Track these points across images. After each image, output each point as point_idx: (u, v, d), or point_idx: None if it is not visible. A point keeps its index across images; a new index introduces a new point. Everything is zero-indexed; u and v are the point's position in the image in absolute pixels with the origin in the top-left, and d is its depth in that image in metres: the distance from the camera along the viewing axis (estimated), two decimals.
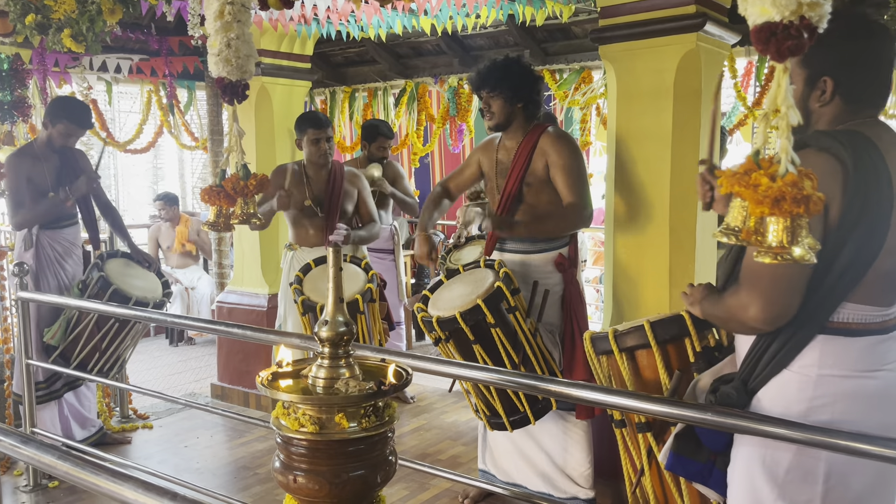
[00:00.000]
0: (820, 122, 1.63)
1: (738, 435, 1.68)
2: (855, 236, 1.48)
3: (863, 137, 1.53)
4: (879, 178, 1.49)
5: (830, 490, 1.55)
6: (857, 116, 1.59)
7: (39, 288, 3.64)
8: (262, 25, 4.31)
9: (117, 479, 1.27)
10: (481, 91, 2.98)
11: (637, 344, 2.00)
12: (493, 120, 2.99)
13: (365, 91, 5.94)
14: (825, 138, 1.53)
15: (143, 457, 3.87)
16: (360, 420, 1.20)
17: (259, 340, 2.70)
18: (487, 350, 2.74)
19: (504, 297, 2.72)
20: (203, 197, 1.57)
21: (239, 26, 1.42)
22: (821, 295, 1.52)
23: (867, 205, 1.47)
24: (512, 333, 2.76)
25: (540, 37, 5.05)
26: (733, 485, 1.69)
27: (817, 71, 1.58)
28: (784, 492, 1.58)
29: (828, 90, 1.57)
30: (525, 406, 2.80)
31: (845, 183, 1.47)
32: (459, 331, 2.71)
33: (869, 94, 1.60)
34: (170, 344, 6.67)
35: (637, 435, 2.04)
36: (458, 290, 2.87)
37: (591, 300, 6.30)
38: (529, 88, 2.97)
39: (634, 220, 3.12)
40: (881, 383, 1.55)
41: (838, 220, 1.48)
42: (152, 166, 8.33)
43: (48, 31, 3.06)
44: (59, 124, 3.56)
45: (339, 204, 3.78)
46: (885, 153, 1.52)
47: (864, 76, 1.58)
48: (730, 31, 3.07)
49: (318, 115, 3.83)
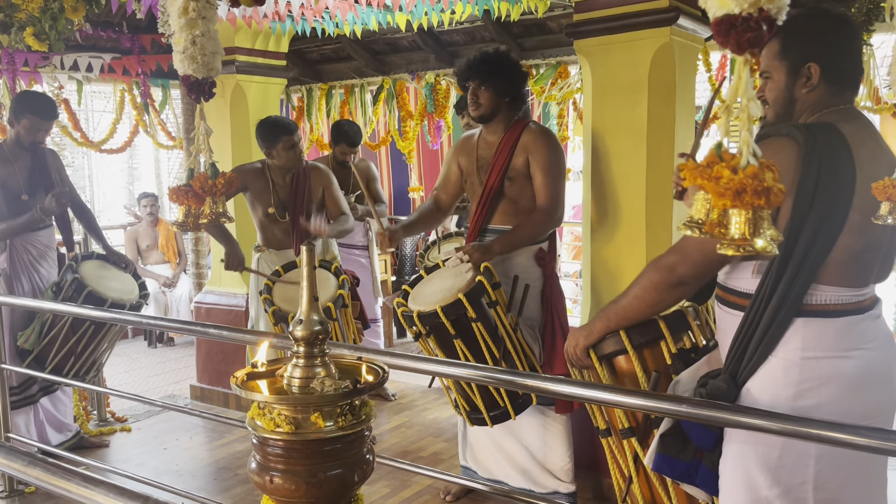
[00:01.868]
0: (803, 107, 1.70)
1: (728, 429, 1.69)
2: (812, 215, 1.54)
3: (825, 125, 1.60)
4: (836, 157, 1.55)
5: (822, 471, 1.58)
6: (838, 99, 1.67)
7: (13, 291, 3.58)
8: (236, 23, 4.27)
9: (89, 483, 1.25)
10: (470, 81, 2.97)
11: (614, 350, 2.01)
12: (479, 111, 2.97)
13: (342, 88, 5.92)
14: (785, 126, 1.62)
15: (121, 460, 3.83)
16: (336, 419, 1.19)
17: (236, 341, 2.67)
18: (468, 345, 2.74)
19: (485, 292, 2.72)
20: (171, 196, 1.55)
21: (204, 23, 1.40)
22: (790, 274, 1.57)
23: (821, 182, 1.53)
24: (493, 328, 2.76)
25: (516, 32, 5.05)
26: (726, 475, 1.71)
27: (800, 60, 1.66)
28: (778, 477, 1.60)
29: (814, 76, 1.66)
30: (505, 401, 2.81)
31: (798, 159, 1.54)
32: (440, 325, 2.71)
33: (849, 76, 1.70)
34: (148, 346, 6.61)
35: (622, 442, 2.05)
36: (438, 285, 2.86)
37: (570, 294, 6.33)
38: (519, 84, 2.99)
39: (611, 214, 3.13)
40: (861, 363, 1.59)
41: (794, 195, 1.54)
42: (128, 166, 8.23)
43: (10, 29, 3.01)
44: (24, 119, 3.50)
45: (305, 207, 3.67)
46: (848, 137, 1.58)
47: (846, 58, 1.68)
48: (703, 25, 3.09)
49: (284, 120, 3.68)
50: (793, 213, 1.55)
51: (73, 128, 5.29)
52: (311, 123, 6.07)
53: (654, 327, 1.99)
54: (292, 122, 3.73)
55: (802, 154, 1.54)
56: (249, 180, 3.67)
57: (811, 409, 1.57)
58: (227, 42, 4.29)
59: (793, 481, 1.59)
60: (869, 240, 1.60)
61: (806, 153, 1.54)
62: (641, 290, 1.83)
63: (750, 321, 1.63)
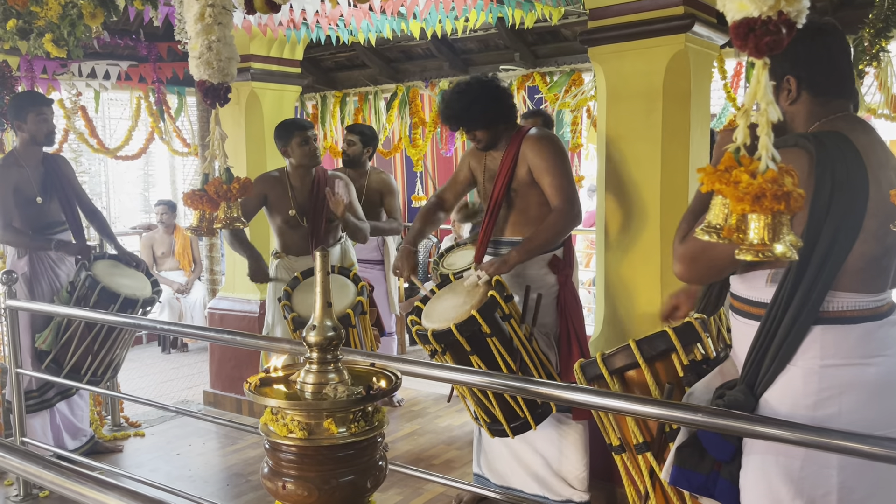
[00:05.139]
0: (795, 121, 1.70)
1: (748, 439, 1.67)
2: (828, 223, 1.52)
3: (834, 133, 1.59)
4: (848, 165, 1.54)
5: (846, 481, 1.56)
6: (828, 109, 1.67)
7: (34, 295, 3.63)
8: (252, 31, 4.30)
9: (103, 488, 1.25)
10: (460, 130, 3.01)
11: (625, 364, 2.00)
12: (482, 144, 3.02)
13: (356, 95, 5.94)
14: (793, 137, 1.61)
15: (134, 465, 3.85)
16: (348, 425, 1.19)
17: (250, 346, 2.69)
18: (484, 359, 2.72)
19: (498, 306, 2.71)
20: (186, 201, 1.56)
21: (220, 28, 1.41)
22: (807, 282, 1.55)
23: (836, 189, 1.52)
24: (508, 341, 2.74)
25: (530, 39, 5.05)
26: (748, 489, 1.68)
27: (779, 73, 1.68)
28: (801, 488, 1.58)
29: (793, 88, 1.68)
30: (525, 411, 2.78)
31: (810, 169, 1.53)
32: (455, 343, 2.69)
33: (831, 84, 1.69)
34: (162, 351, 6.64)
35: (637, 457, 2.02)
36: (450, 301, 2.85)
37: (585, 302, 6.28)
38: (501, 108, 2.95)
39: (625, 221, 3.11)
40: (882, 370, 1.57)
41: (810, 204, 1.53)
42: (143, 173, 8.30)
43: (29, 35, 3.05)
44: (29, 115, 3.57)
45: (324, 212, 3.71)
46: (857, 144, 1.57)
47: (822, 68, 1.67)
48: (718, 32, 3.08)
49: (299, 119, 3.77)
50: (809, 222, 1.53)
51: (90, 134, 5.33)
52: (325, 130, 6.09)
53: (664, 339, 1.98)
54: (308, 121, 3.76)
55: (815, 163, 1.53)
56: (268, 188, 3.70)
57: (832, 417, 1.55)
58: (242, 50, 4.32)
59: (816, 492, 1.57)
60: (885, 245, 1.58)
61: (818, 162, 1.53)
62: None
63: (767, 330, 1.61)
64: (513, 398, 2.75)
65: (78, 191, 3.87)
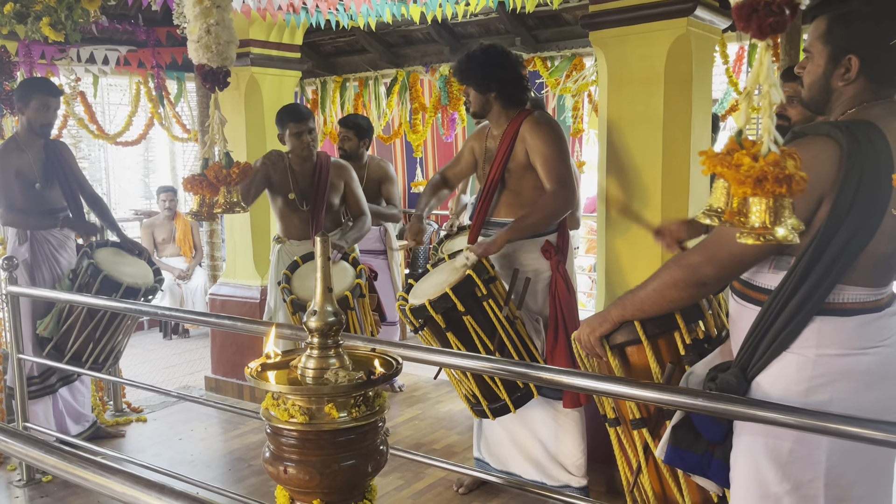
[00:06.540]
0: (840, 100, 1.62)
1: (738, 422, 1.68)
2: (850, 219, 1.49)
3: (867, 124, 1.53)
4: (878, 162, 1.49)
5: (834, 467, 1.56)
6: (877, 96, 1.58)
7: (35, 281, 3.63)
8: (251, 15, 4.27)
9: (106, 472, 1.26)
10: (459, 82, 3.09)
11: (627, 340, 1.98)
12: (471, 108, 3.08)
13: (356, 80, 5.91)
14: (824, 126, 1.54)
15: (137, 450, 3.86)
16: (349, 410, 1.19)
17: (250, 332, 2.69)
18: (460, 337, 2.78)
19: (475, 285, 2.74)
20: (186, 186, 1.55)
21: (219, 12, 1.40)
22: (817, 275, 1.53)
23: (862, 186, 1.48)
24: (485, 321, 2.78)
25: (531, 24, 5.02)
26: (736, 469, 1.69)
27: (841, 48, 1.57)
28: (788, 472, 1.58)
29: (853, 69, 1.56)
30: (504, 394, 2.82)
31: (840, 164, 1.48)
32: (431, 318, 2.76)
33: (892, 72, 1.58)
34: (163, 337, 6.66)
35: (632, 432, 2.02)
36: (435, 279, 2.92)
37: (585, 288, 6.30)
38: (500, 77, 2.95)
39: (627, 206, 3.11)
40: (877, 359, 1.57)
41: (833, 198, 1.49)
42: (143, 159, 8.28)
43: (27, 19, 3.03)
44: (32, 101, 3.55)
45: (325, 198, 3.73)
46: (888, 135, 1.52)
47: (891, 56, 1.54)
48: (720, 16, 3.05)
49: (298, 107, 3.74)
50: (830, 215, 1.50)
51: (90, 120, 5.32)
52: (324, 116, 6.07)
53: (668, 317, 1.96)
54: (308, 111, 3.73)
55: (845, 157, 1.47)
56: (271, 166, 3.71)
57: (823, 404, 1.55)
58: (241, 34, 4.27)
59: (803, 477, 1.57)
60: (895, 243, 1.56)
61: (849, 156, 1.47)
62: (661, 285, 1.78)
63: (767, 316, 1.61)
64: (491, 379, 2.78)
65: (79, 177, 3.86)
